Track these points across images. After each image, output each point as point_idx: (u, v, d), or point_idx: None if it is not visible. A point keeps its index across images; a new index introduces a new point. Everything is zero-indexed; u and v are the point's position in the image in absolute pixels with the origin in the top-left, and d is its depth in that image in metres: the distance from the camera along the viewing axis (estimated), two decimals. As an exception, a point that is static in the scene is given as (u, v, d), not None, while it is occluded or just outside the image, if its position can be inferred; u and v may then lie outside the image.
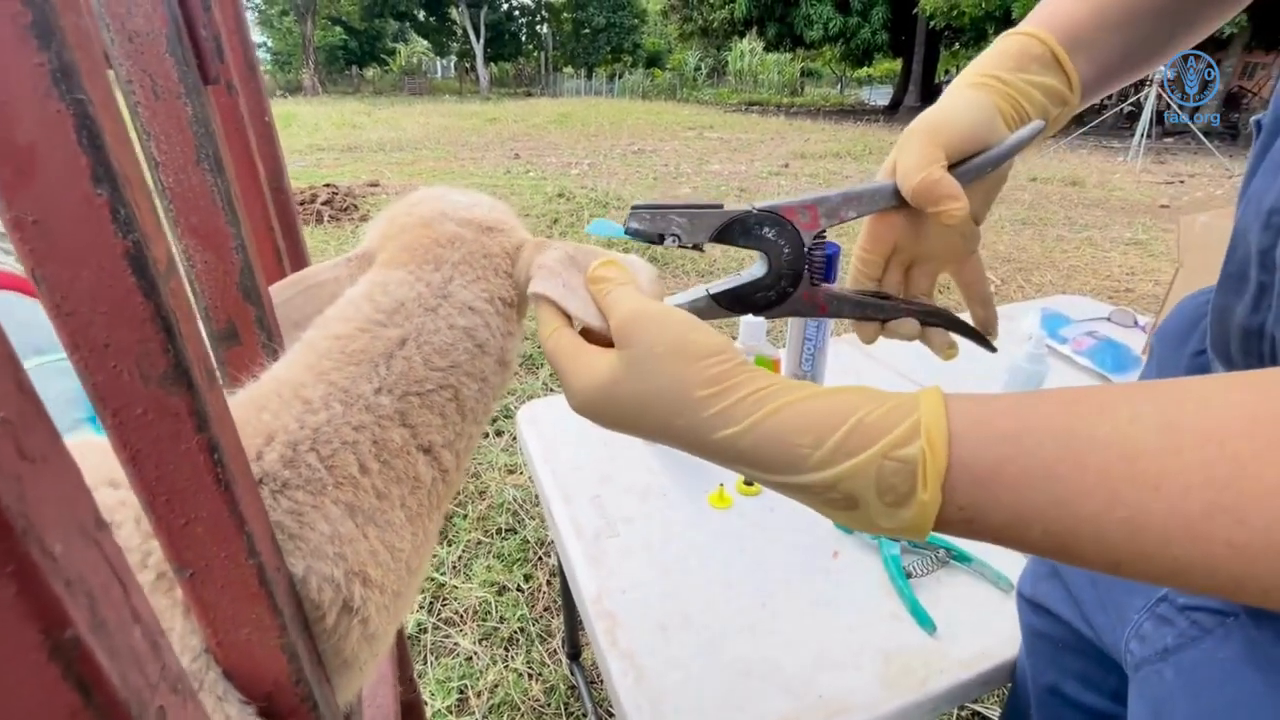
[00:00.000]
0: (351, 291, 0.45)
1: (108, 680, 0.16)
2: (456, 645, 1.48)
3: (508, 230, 0.49)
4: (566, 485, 0.95)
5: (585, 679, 1.37)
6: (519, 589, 1.63)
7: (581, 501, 0.92)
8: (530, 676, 1.41)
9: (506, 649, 1.47)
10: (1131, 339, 1.34)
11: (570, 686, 1.39)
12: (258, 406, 0.38)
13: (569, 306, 0.41)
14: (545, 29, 40.38)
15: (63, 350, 0.23)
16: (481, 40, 33.66)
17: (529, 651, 1.46)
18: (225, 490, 0.28)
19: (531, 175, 7.26)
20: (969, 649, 0.70)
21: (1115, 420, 0.27)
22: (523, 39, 39.98)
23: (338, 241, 4.55)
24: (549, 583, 1.65)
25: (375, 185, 6.38)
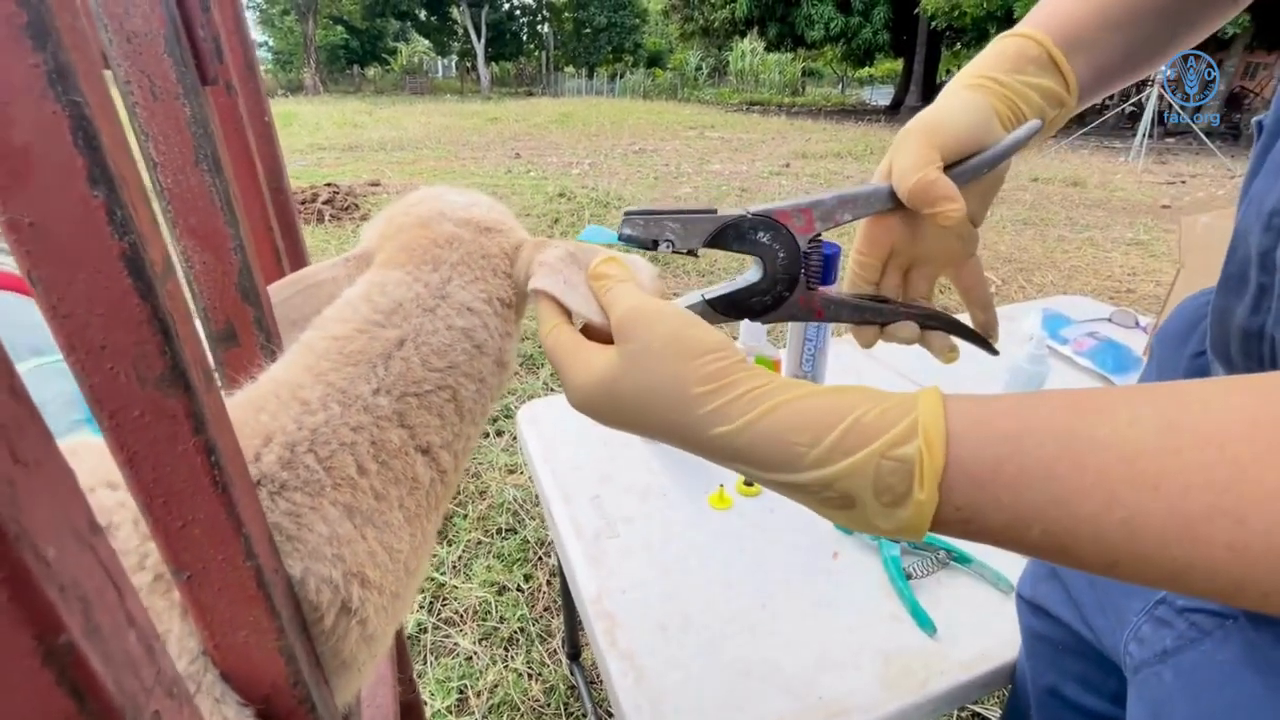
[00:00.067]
0: (349, 292, 0.45)
1: (102, 685, 0.16)
2: (456, 645, 1.48)
3: (506, 230, 0.49)
4: (566, 485, 0.95)
5: (585, 679, 1.37)
6: (519, 589, 1.63)
7: (581, 501, 0.92)
8: (530, 676, 1.41)
9: (506, 649, 1.47)
10: (1133, 340, 1.34)
11: (570, 686, 1.39)
12: (255, 408, 0.38)
13: (570, 303, 0.41)
14: (546, 28, 40.37)
15: (60, 352, 0.23)
16: (483, 40, 33.66)
17: (529, 651, 1.46)
18: (223, 492, 0.28)
19: (532, 175, 7.26)
20: (969, 650, 0.69)
21: (1115, 422, 0.27)
22: (524, 38, 39.98)
23: (338, 241, 4.55)
24: (549, 583, 1.65)
25: (376, 184, 6.38)
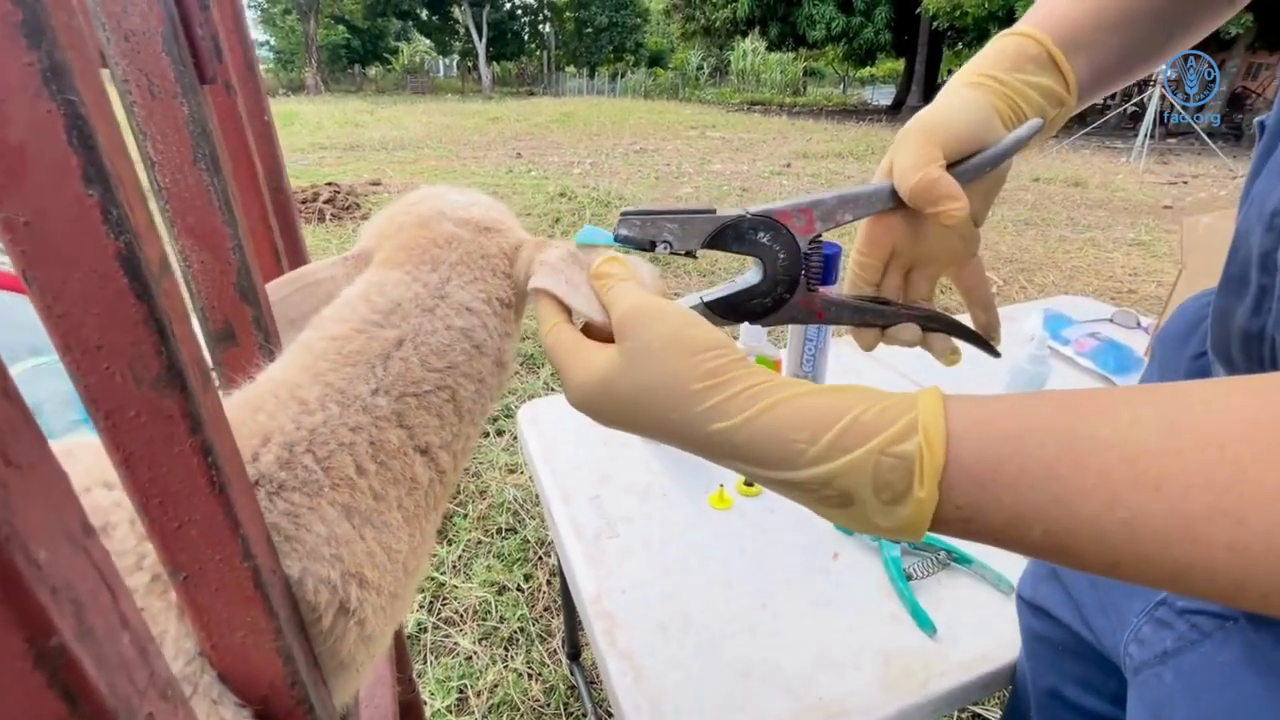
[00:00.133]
0: (348, 292, 0.44)
1: (94, 688, 0.16)
2: (456, 645, 1.48)
3: (505, 230, 0.49)
4: (566, 485, 0.95)
5: (585, 679, 1.37)
6: (519, 589, 1.63)
7: (581, 501, 0.92)
8: (530, 676, 1.41)
9: (506, 649, 1.47)
10: (1134, 340, 1.34)
11: (570, 686, 1.39)
12: (254, 408, 0.38)
13: (572, 302, 0.41)
14: (548, 28, 40.37)
15: (57, 352, 0.23)
16: (484, 39, 33.67)
17: (529, 651, 1.46)
18: (220, 493, 0.27)
19: (533, 174, 7.26)
20: (969, 651, 0.69)
21: (1116, 422, 0.27)
22: (525, 38, 39.99)
23: (339, 240, 4.55)
24: (549, 583, 1.65)
25: (377, 184, 6.39)
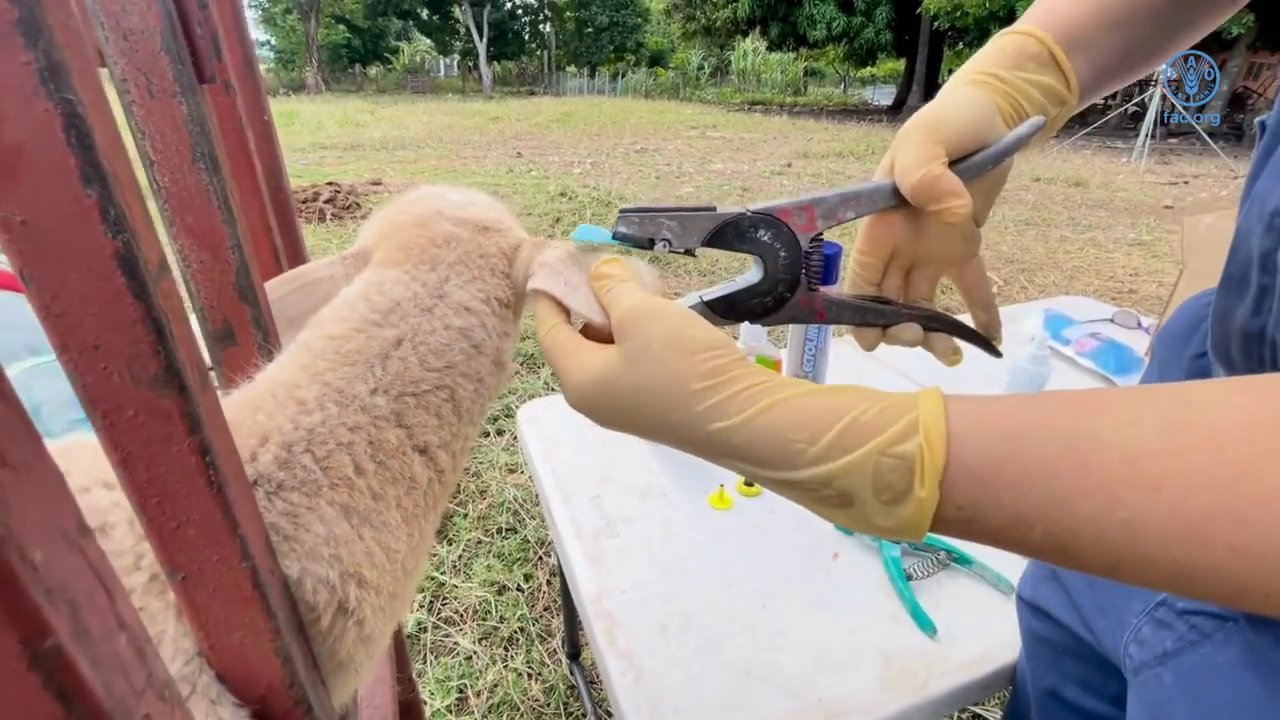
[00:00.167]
0: (347, 291, 0.44)
1: (90, 689, 0.16)
2: (456, 645, 1.48)
3: (504, 230, 0.49)
4: (566, 485, 0.95)
5: (585, 679, 1.37)
6: (519, 589, 1.63)
7: (581, 501, 0.92)
8: (530, 676, 1.41)
9: (506, 649, 1.47)
10: (1135, 340, 1.34)
11: (570, 686, 1.39)
12: (252, 407, 0.38)
13: (572, 303, 0.41)
14: (548, 28, 40.37)
15: (55, 351, 0.23)
16: (484, 39, 33.66)
17: (529, 651, 1.46)
18: (218, 493, 0.27)
19: (534, 174, 7.26)
20: (969, 652, 0.69)
21: (1117, 423, 0.27)
22: (526, 38, 39.98)
23: (340, 240, 4.55)
24: (549, 583, 1.65)
25: (378, 183, 6.39)
